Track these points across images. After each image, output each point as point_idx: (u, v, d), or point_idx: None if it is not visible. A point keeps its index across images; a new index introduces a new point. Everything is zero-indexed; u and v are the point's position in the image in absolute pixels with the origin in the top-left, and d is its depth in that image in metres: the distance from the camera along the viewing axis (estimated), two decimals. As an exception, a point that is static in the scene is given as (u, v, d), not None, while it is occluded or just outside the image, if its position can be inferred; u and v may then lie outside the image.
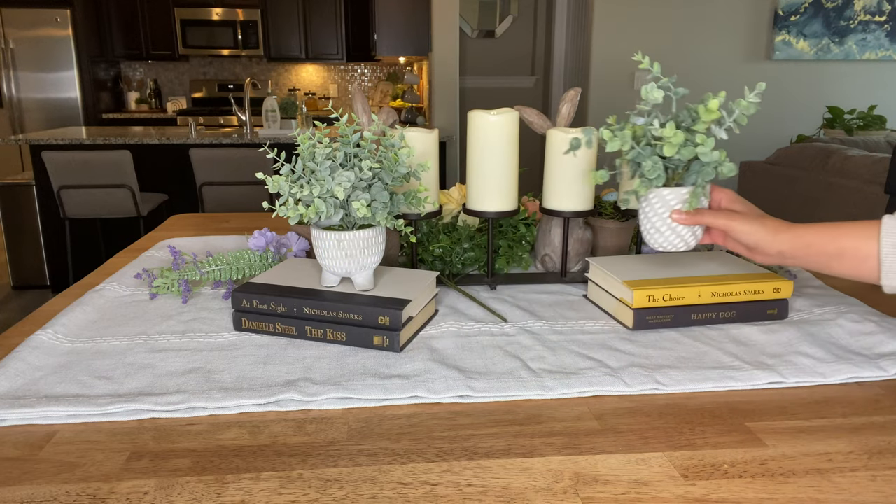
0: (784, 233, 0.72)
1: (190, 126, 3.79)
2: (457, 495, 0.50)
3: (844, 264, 0.70)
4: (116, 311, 0.88)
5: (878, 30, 4.32)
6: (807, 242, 0.71)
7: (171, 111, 5.90)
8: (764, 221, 0.73)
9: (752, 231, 0.73)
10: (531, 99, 5.39)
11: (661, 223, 0.76)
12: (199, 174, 3.27)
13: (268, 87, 6.30)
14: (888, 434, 0.59)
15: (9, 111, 5.29)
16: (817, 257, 0.71)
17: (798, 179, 3.01)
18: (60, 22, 5.19)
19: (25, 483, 0.51)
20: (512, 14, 5.22)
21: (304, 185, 0.75)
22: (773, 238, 0.72)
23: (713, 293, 0.82)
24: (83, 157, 3.19)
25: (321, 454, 0.55)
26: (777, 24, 4.22)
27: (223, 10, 5.73)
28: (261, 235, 0.99)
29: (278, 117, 3.86)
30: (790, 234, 0.72)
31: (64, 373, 0.69)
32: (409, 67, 6.04)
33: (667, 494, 0.50)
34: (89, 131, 3.90)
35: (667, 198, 0.75)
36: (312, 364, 0.71)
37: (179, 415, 0.62)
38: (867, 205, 2.55)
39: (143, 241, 1.26)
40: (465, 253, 1.01)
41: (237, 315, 0.80)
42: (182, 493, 0.50)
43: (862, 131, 3.97)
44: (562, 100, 0.97)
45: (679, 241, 0.76)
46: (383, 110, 0.96)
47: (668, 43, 4.21)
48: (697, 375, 0.69)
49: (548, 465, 0.54)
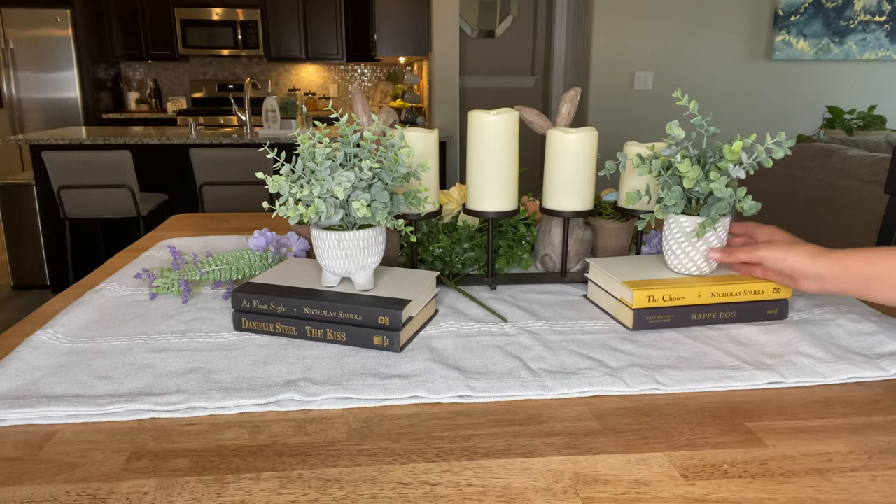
0: (822, 256, 0.72)
1: (190, 126, 3.79)
2: (457, 495, 0.50)
3: (883, 287, 0.69)
4: (116, 311, 0.88)
5: (878, 30, 4.32)
6: (845, 265, 0.71)
7: (171, 111, 5.90)
8: (798, 247, 0.74)
9: (785, 257, 0.74)
10: (531, 99, 5.39)
11: (677, 247, 0.84)
12: (199, 174, 3.27)
13: (268, 87, 6.30)
14: (888, 434, 0.59)
15: (9, 111, 5.29)
16: (856, 280, 0.70)
17: (798, 179, 3.01)
18: (60, 22, 5.19)
19: (25, 483, 0.51)
20: (512, 14, 5.22)
21: (304, 185, 0.75)
22: (811, 261, 0.72)
23: (713, 293, 0.82)
24: (83, 157, 3.19)
25: (321, 454, 0.55)
26: (777, 24, 4.22)
27: (223, 10, 5.73)
28: (261, 235, 0.99)
29: (278, 117, 3.86)
30: (828, 257, 0.72)
31: (64, 373, 0.69)
32: (409, 67, 6.04)
33: (667, 494, 0.50)
34: (89, 131, 3.90)
35: (683, 224, 0.83)
36: (312, 364, 0.71)
37: (179, 415, 0.62)
38: (867, 205, 2.55)
39: (143, 241, 1.26)
40: (465, 253, 1.01)
41: (237, 315, 0.80)
42: (182, 493, 0.50)
43: (862, 131, 3.97)
44: (562, 100, 0.97)
45: (693, 267, 0.84)
46: (383, 110, 0.96)
47: (668, 43, 4.21)
48: (697, 375, 0.69)
49: (548, 465, 0.54)
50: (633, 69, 4.22)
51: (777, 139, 0.76)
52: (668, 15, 4.17)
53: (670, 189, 0.82)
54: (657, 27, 4.18)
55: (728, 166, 0.78)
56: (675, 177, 0.83)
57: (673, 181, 0.83)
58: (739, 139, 0.77)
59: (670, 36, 4.20)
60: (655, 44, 4.20)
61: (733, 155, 0.77)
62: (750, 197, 0.78)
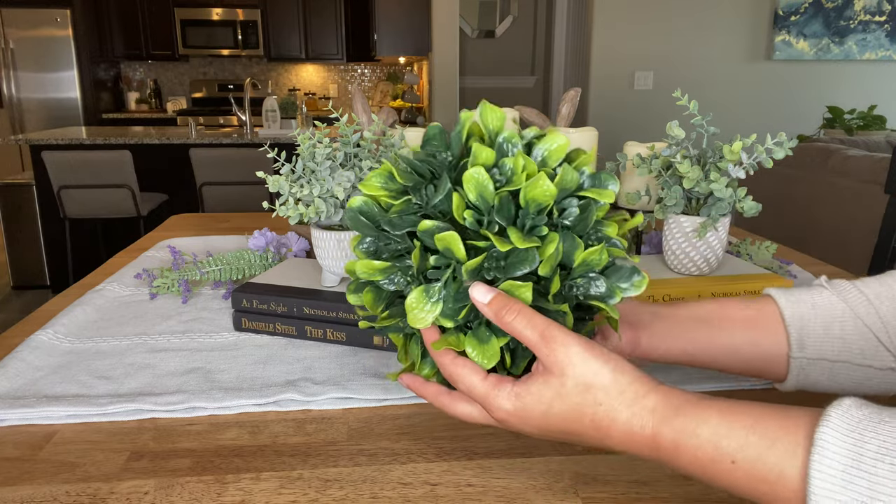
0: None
1: (190, 126, 3.79)
2: (457, 495, 0.50)
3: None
4: (116, 311, 0.88)
5: (878, 30, 4.32)
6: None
7: (171, 111, 5.90)
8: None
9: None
10: (531, 99, 5.39)
11: (677, 247, 0.85)
12: (199, 174, 3.27)
13: (268, 87, 6.30)
14: (888, 434, 0.59)
15: (9, 111, 5.29)
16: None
17: (798, 179, 3.01)
18: (60, 22, 5.19)
19: (25, 483, 0.51)
20: (512, 14, 5.22)
21: (304, 184, 0.75)
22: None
23: (713, 293, 0.82)
24: (83, 157, 3.19)
25: (321, 454, 0.55)
26: (777, 24, 4.22)
27: (223, 10, 5.73)
28: (261, 235, 0.99)
29: (278, 117, 3.86)
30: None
31: (64, 373, 0.69)
32: (409, 67, 6.04)
33: (667, 494, 0.50)
34: (89, 131, 3.90)
35: (683, 224, 0.83)
36: (312, 364, 0.71)
37: (179, 415, 0.62)
38: (867, 205, 2.55)
39: (143, 241, 1.26)
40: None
41: (237, 315, 0.80)
42: (182, 493, 0.50)
43: (862, 131, 3.97)
44: (562, 100, 0.97)
45: (693, 267, 0.84)
46: (383, 110, 0.96)
47: (668, 43, 4.21)
48: (698, 375, 0.69)
49: (548, 465, 0.54)
50: (633, 69, 4.22)
51: (777, 139, 0.76)
52: (668, 15, 4.17)
53: (670, 189, 0.82)
54: (657, 27, 4.18)
55: (728, 166, 0.78)
56: (675, 177, 0.83)
57: (673, 181, 0.83)
58: (739, 139, 0.77)
59: (670, 36, 4.20)
60: (655, 44, 4.20)
61: (733, 155, 0.77)
62: (750, 197, 0.78)
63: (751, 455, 0.35)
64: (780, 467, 0.34)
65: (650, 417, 0.38)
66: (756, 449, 0.35)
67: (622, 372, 0.40)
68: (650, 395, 0.39)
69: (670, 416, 0.38)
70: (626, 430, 0.39)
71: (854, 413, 0.34)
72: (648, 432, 0.38)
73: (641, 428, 0.38)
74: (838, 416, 0.34)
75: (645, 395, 0.39)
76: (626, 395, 0.39)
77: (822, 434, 0.33)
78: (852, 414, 0.34)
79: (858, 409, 0.34)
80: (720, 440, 0.36)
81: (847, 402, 0.35)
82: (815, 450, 0.33)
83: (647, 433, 0.38)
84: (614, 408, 0.39)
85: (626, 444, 0.40)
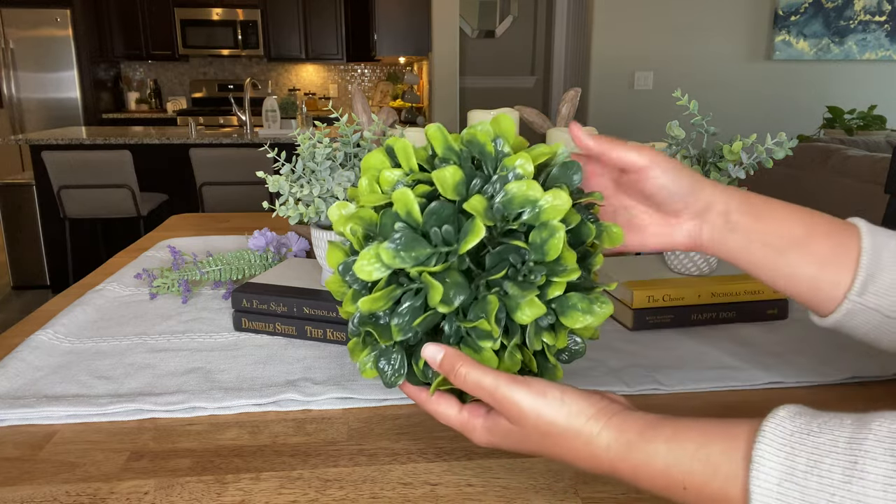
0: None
1: (190, 126, 3.79)
2: (457, 495, 0.50)
3: None
4: (116, 311, 0.88)
5: (878, 30, 4.32)
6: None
7: (171, 111, 5.90)
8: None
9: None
10: (531, 99, 5.39)
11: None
12: (199, 174, 3.27)
13: (268, 87, 6.30)
14: (888, 434, 0.59)
15: (9, 111, 5.29)
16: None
17: (798, 179, 3.01)
18: (60, 22, 5.19)
19: (25, 483, 0.51)
20: (512, 14, 5.22)
21: (304, 184, 0.75)
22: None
23: (713, 293, 0.82)
24: (83, 157, 3.19)
25: (321, 454, 0.55)
26: (777, 24, 4.22)
27: (223, 10, 5.73)
28: (261, 235, 0.99)
29: (278, 117, 3.86)
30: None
31: (64, 373, 0.69)
32: (409, 67, 6.04)
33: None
34: (89, 131, 3.90)
35: None
36: (312, 364, 0.71)
37: (179, 415, 0.62)
38: (867, 205, 2.55)
39: (143, 241, 1.26)
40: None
41: (237, 315, 0.80)
42: (182, 493, 0.50)
43: (862, 131, 3.97)
44: (562, 100, 0.97)
45: (693, 267, 0.84)
46: (383, 110, 0.96)
47: (668, 43, 4.21)
48: (697, 375, 0.69)
49: (548, 464, 0.54)
50: (633, 69, 4.22)
51: (777, 139, 0.76)
52: (668, 15, 4.17)
53: None
54: (657, 27, 4.18)
55: (728, 166, 0.78)
56: None
57: None
58: (739, 139, 0.77)
59: (670, 36, 4.20)
60: (655, 44, 4.20)
61: (733, 155, 0.77)
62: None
63: (697, 482, 0.38)
64: (725, 490, 0.37)
65: (606, 455, 0.41)
66: (702, 476, 0.38)
67: (577, 414, 0.43)
68: (602, 433, 0.42)
69: (623, 453, 0.41)
70: (590, 464, 0.43)
71: (787, 426, 0.36)
72: (607, 466, 0.42)
73: (601, 463, 0.42)
74: (771, 430, 0.36)
75: (598, 433, 0.42)
76: (582, 437, 0.42)
77: (757, 451, 0.35)
78: (784, 427, 0.36)
79: (792, 420, 0.36)
80: (670, 470, 0.39)
81: (781, 412, 0.37)
82: (752, 467, 0.35)
83: (607, 467, 0.42)
84: (574, 447, 0.43)
85: (595, 471, 0.43)
